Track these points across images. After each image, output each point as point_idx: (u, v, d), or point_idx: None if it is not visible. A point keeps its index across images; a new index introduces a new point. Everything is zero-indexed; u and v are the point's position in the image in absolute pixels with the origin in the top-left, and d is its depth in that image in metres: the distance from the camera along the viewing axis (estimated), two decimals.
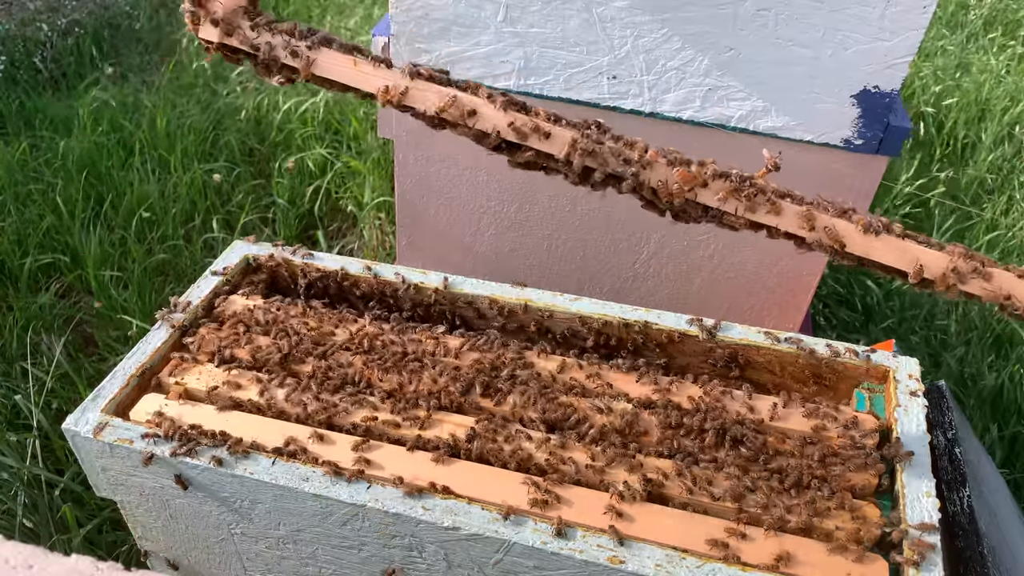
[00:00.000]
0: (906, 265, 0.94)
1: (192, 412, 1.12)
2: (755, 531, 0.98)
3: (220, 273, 1.36)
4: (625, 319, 1.28)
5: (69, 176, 2.81)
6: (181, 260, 2.57)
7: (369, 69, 1.01)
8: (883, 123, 1.50)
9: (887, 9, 1.37)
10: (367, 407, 1.13)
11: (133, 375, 1.16)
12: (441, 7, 1.54)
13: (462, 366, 1.21)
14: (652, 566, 0.92)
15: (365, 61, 1.02)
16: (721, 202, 0.97)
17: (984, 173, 3.16)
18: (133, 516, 1.19)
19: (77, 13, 4.02)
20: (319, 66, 1.02)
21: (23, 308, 2.28)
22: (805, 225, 0.95)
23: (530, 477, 1.03)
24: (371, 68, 1.01)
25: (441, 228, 1.89)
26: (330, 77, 1.03)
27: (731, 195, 0.96)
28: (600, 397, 1.16)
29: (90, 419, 1.09)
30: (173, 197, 2.79)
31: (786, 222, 0.96)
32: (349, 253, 2.76)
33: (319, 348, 1.23)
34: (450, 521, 0.96)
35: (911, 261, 0.93)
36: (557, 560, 0.94)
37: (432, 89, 1.00)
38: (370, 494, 1.00)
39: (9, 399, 1.98)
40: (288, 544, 1.11)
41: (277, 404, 1.14)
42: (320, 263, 1.39)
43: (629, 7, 1.47)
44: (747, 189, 0.96)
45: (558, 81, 1.59)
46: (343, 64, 1.02)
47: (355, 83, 1.02)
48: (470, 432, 1.09)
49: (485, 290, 1.33)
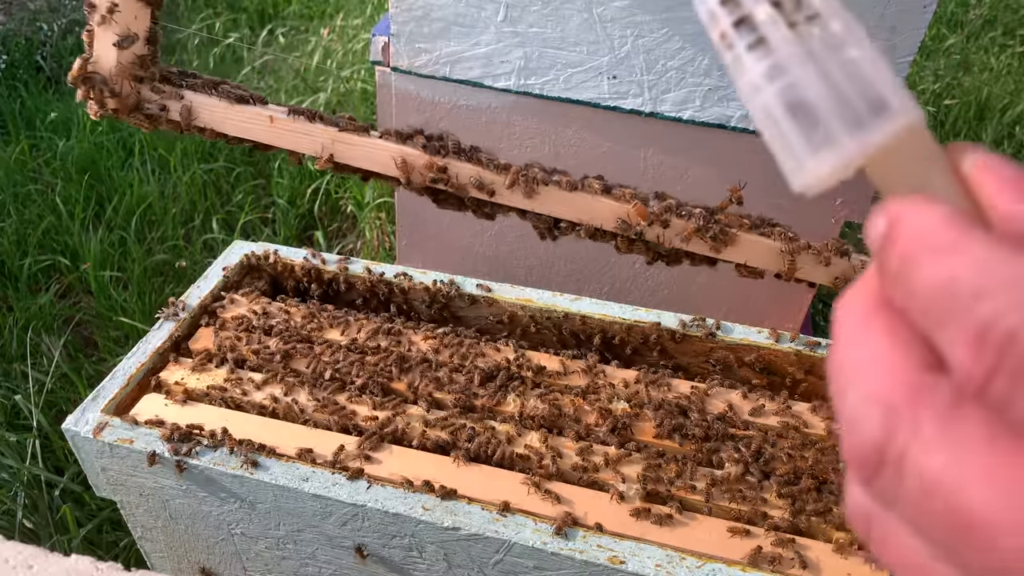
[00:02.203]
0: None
1: (192, 412, 1.12)
2: (756, 531, 0.98)
3: (220, 273, 1.36)
4: (625, 319, 1.27)
5: (69, 176, 2.81)
6: (181, 260, 2.56)
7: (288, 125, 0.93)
8: None
9: (887, 8, 1.37)
10: (367, 407, 1.13)
11: (133, 375, 1.16)
12: (441, 7, 1.54)
13: (462, 366, 1.21)
14: (652, 566, 0.92)
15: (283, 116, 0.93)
16: (684, 242, 0.90)
17: None
18: (133, 516, 1.19)
19: (77, 13, 4.02)
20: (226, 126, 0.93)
21: (23, 308, 2.28)
22: (782, 265, 0.91)
23: (530, 477, 1.03)
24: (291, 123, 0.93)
25: (441, 228, 1.89)
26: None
27: (695, 234, 0.90)
28: (600, 397, 1.16)
29: (90, 419, 1.09)
30: (172, 197, 2.79)
31: (758, 259, 0.92)
32: (349, 253, 2.76)
33: (320, 348, 1.23)
34: (450, 521, 0.96)
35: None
36: (557, 560, 0.94)
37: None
38: (370, 494, 1.00)
39: (9, 399, 1.98)
40: (288, 544, 1.11)
41: (277, 404, 1.14)
42: (321, 263, 1.39)
43: (629, 7, 1.46)
44: (713, 228, 0.89)
45: (558, 81, 1.59)
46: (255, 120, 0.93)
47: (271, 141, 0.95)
48: (470, 432, 1.09)
49: (485, 290, 1.33)
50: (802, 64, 0.31)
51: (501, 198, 0.91)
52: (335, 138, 0.91)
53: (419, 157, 0.90)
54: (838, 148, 0.30)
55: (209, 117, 0.92)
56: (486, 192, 0.90)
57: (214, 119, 0.92)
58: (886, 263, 0.29)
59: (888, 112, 0.30)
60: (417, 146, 0.90)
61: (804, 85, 0.31)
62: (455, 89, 1.66)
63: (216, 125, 0.93)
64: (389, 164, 0.91)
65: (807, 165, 0.31)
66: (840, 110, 0.30)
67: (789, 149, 0.32)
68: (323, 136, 0.91)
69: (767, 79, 0.31)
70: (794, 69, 0.31)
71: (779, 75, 0.31)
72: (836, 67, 0.30)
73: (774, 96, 0.31)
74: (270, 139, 0.93)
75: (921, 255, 0.27)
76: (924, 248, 0.27)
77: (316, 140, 0.92)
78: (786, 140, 0.32)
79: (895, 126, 0.30)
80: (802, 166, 0.31)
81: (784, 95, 0.31)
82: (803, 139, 0.31)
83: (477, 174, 0.90)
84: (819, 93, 0.30)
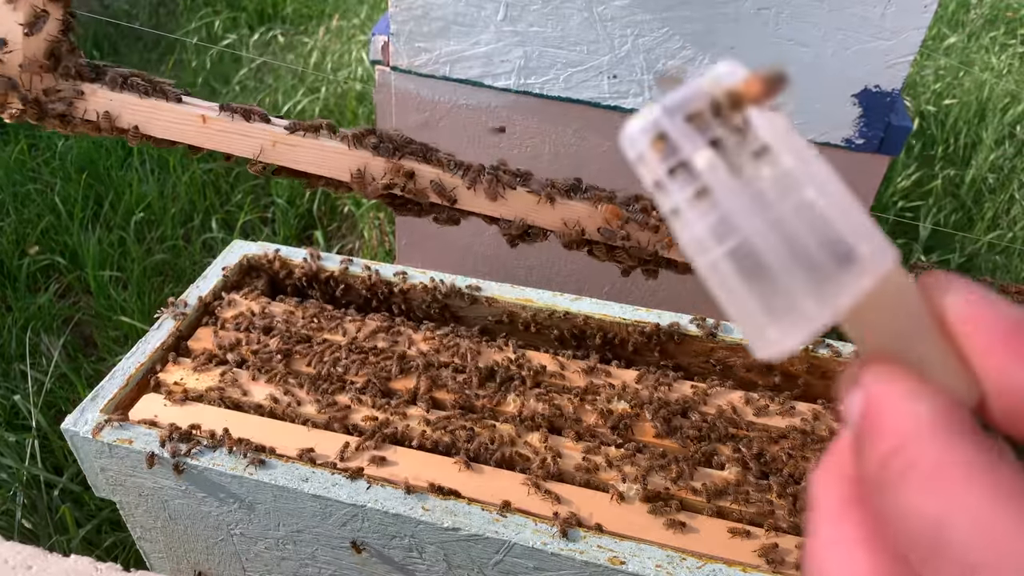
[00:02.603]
0: None
1: (192, 412, 1.12)
2: (756, 531, 0.97)
3: (220, 273, 1.36)
4: (625, 319, 1.27)
5: (68, 176, 2.80)
6: (180, 260, 2.56)
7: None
8: (884, 122, 1.50)
9: (888, 8, 1.37)
10: (367, 407, 1.13)
11: (132, 375, 1.15)
12: (441, 6, 1.54)
13: (462, 366, 1.20)
14: (652, 566, 0.92)
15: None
16: (665, 248, 0.80)
17: (985, 172, 3.15)
18: (132, 517, 1.19)
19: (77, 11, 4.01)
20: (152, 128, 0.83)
21: (22, 308, 2.28)
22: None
23: (530, 477, 1.03)
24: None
25: (441, 228, 1.89)
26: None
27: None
28: (600, 397, 1.15)
29: (89, 419, 1.08)
30: (172, 197, 2.79)
31: None
32: (348, 253, 2.75)
33: (319, 348, 1.23)
34: (450, 522, 0.96)
35: None
36: (557, 561, 0.94)
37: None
38: (370, 495, 0.99)
39: (8, 399, 1.97)
40: (288, 545, 1.10)
41: (277, 404, 1.14)
42: (320, 263, 1.38)
43: (630, 6, 1.46)
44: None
45: (558, 80, 1.58)
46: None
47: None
48: (470, 432, 1.09)
49: (486, 290, 1.33)
50: (752, 216, 0.26)
51: (464, 203, 0.83)
52: (276, 139, 0.81)
53: (373, 160, 0.81)
54: (802, 317, 0.26)
55: (132, 117, 0.82)
56: (447, 198, 0.82)
57: (138, 119, 0.82)
58: (864, 457, 0.26)
59: (856, 263, 0.26)
60: (368, 147, 0.81)
61: (756, 242, 0.26)
62: (455, 88, 1.65)
63: (142, 126, 0.82)
64: (340, 170, 0.82)
65: (768, 335, 0.27)
66: (800, 269, 0.26)
67: (745, 316, 0.27)
68: (261, 137, 0.81)
69: (714, 238, 0.26)
70: (743, 224, 0.26)
71: (727, 233, 0.26)
72: (792, 214, 0.26)
73: (723, 259, 0.26)
74: (201, 141, 0.83)
75: (905, 475, 0.24)
76: (908, 465, 0.24)
77: (254, 141, 0.82)
78: (741, 306, 0.27)
79: (866, 281, 0.26)
80: (763, 335, 0.27)
81: (735, 256, 0.26)
82: (761, 306, 0.27)
83: (437, 177, 0.81)
84: (774, 251, 0.26)
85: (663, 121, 0.27)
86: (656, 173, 0.27)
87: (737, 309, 0.27)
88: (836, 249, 0.26)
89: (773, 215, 0.26)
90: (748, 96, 0.26)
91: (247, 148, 0.81)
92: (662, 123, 0.27)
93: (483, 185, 0.79)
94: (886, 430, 0.25)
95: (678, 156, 0.27)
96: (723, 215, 0.26)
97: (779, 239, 0.26)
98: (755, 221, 0.26)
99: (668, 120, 0.27)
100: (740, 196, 0.26)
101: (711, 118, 0.26)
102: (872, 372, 0.27)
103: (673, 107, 0.27)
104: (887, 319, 0.27)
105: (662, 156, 0.27)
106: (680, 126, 0.27)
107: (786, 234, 0.26)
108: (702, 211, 0.26)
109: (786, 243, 0.26)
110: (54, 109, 0.81)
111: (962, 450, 0.23)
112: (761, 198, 0.26)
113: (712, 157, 0.26)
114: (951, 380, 0.27)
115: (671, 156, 0.27)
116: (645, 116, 0.27)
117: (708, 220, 0.26)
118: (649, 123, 0.27)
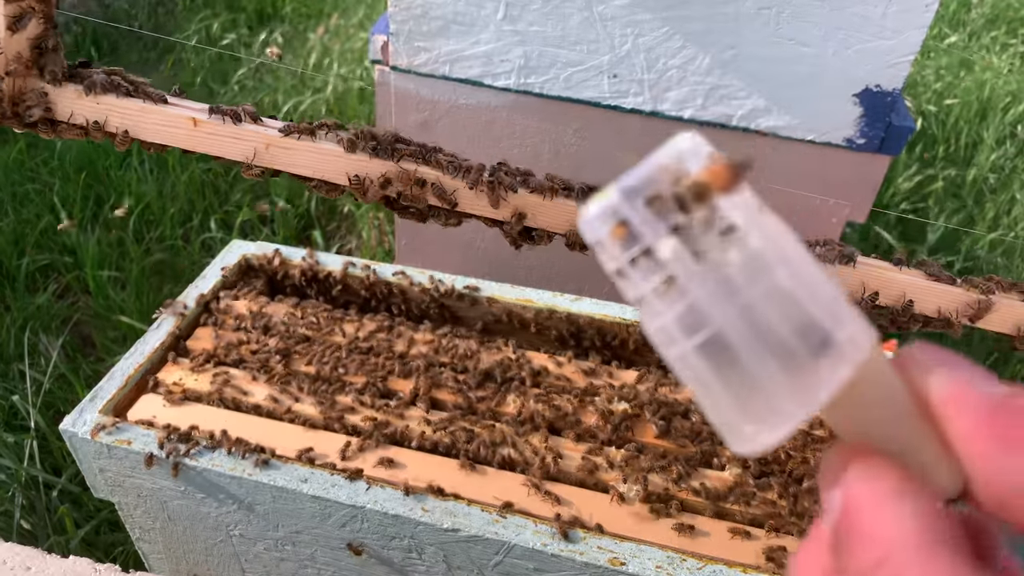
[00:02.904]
0: None
1: (190, 413, 1.11)
2: (757, 532, 0.97)
3: (219, 273, 1.35)
4: (626, 319, 1.27)
5: (66, 176, 2.80)
6: (179, 260, 2.56)
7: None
8: (885, 122, 1.50)
9: (889, 7, 1.37)
10: (367, 408, 1.13)
11: (131, 375, 1.15)
12: (440, 5, 1.53)
13: (462, 367, 1.20)
14: (652, 567, 0.91)
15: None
16: None
17: (987, 172, 3.15)
18: (131, 518, 1.18)
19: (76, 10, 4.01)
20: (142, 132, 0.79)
21: (21, 308, 2.27)
22: None
23: (530, 478, 1.02)
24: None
25: (441, 228, 1.88)
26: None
27: None
28: (601, 398, 1.15)
29: (88, 420, 1.08)
30: (171, 196, 2.79)
31: None
32: (348, 253, 2.75)
33: (319, 348, 1.22)
34: (450, 523, 0.96)
35: None
36: (557, 562, 0.94)
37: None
38: (369, 495, 0.99)
39: (6, 400, 1.97)
40: (287, 546, 1.10)
41: (276, 405, 1.13)
42: (320, 263, 1.38)
43: (630, 5, 1.46)
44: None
45: (558, 80, 1.58)
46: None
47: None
48: (469, 433, 1.08)
49: (486, 290, 1.32)
50: (721, 305, 0.24)
51: (465, 206, 0.80)
52: (269, 142, 0.78)
53: (371, 164, 0.77)
54: (778, 415, 0.25)
55: (120, 121, 0.77)
56: (447, 201, 0.78)
57: (126, 123, 0.77)
58: (844, 560, 0.25)
59: (833, 350, 0.24)
60: (366, 150, 0.77)
61: (727, 333, 0.24)
62: (455, 88, 1.65)
63: (131, 130, 0.78)
64: (337, 174, 0.78)
65: (744, 430, 0.25)
66: (774, 359, 0.24)
67: (718, 411, 0.26)
68: (254, 140, 0.78)
69: (682, 330, 0.25)
70: (713, 314, 0.24)
71: (696, 324, 0.24)
72: (762, 300, 0.24)
73: (693, 352, 0.25)
74: (192, 145, 0.78)
75: None
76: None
77: (246, 145, 0.78)
78: (714, 401, 0.26)
79: (844, 371, 0.24)
80: (738, 432, 0.26)
81: (705, 349, 0.25)
82: (735, 402, 0.25)
83: (437, 179, 0.78)
84: (745, 341, 0.24)
85: (622, 207, 0.25)
86: (618, 261, 0.26)
87: (710, 403, 0.26)
88: (811, 335, 0.24)
89: (742, 301, 0.24)
90: (714, 187, 0.24)
91: (239, 152, 0.78)
92: (621, 210, 0.25)
93: (484, 188, 0.77)
94: (868, 537, 0.24)
95: (639, 244, 0.25)
96: (691, 304, 0.24)
97: (750, 328, 0.24)
98: (724, 310, 0.24)
99: (627, 205, 0.25)
100: (707, 283, 0.24)
101: (672, 201, 0.25)
102: (853, 468, 0.25)
103: (632, 190, 0.25)
104: (866, 407, 0.26)
105: (623, 244, 0.25)
106: (641, 211, 0.25)
107: (757, 322, 0.24)
108: (669, 301, 0.25)
109: (757, 333, 0.24)
110: (33, 115, 0.77)
111: (946, 566, 0.23)
112: (729, 284, 0.24)
113: (676, 245, 0.24)
114: (934, 470, 0.26)
115: (632, 244, 0.25)
116: (602, 201, 0.25)
117: (675, 310, 0.25)
118: (607, 209, 0.25)
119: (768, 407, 0.24)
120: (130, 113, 0.78)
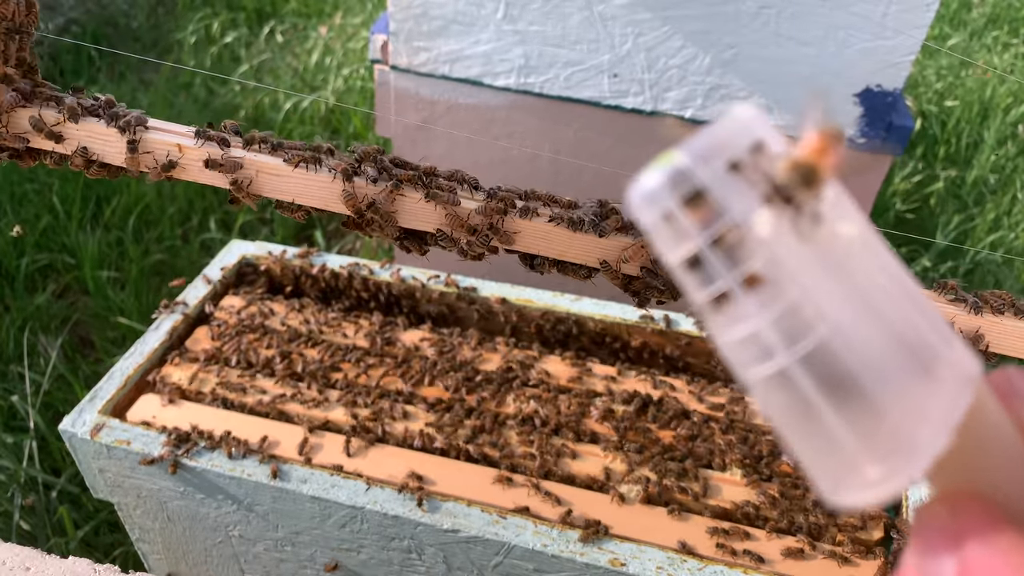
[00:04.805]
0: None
1: (189, 413, 1.11)
2: (757, 532, 0.97)
3: (218, 273, 1.35)
4: (626, 320, 1.27)
5: (66, 176, 2.80)
6: (178, 260, 2.55)
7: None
8: (886, 122, 1.49)
9: (890, 7, 1.36)
10: (367, 408, 1.12)
11: (130, 376, 1.15)
12: (440, 5, 1.53)
13: (462, 367, 1.20)
14: (653, 568, 0.91)
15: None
16: None
17: (987, 172, 3.15)
18: (131, 518, 1.18)
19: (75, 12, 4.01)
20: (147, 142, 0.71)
21: (20, 308, 2.27)
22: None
23: (531, 479, 1.02)
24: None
25: None
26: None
27: None
28: (601, 398, 1.15)
29: (87, 420, 1.07)
30: (170, 196, 2.78)
31: None
32: (348, 253, 2.75)
33: (318, 349, 1.22)
34: (450, 523, 0.95)
35: None
36: (557, 563, 0.93)
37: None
38: (369, 496, 0.99)
39: (6, 400, 1.97)
40: (287, 546, 1.10)
41: (274, 405, 1.13)
42: (319, 263, 1.37)
43: (630, 5, 1.46)
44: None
45: (558, 79, 1.58)
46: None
47: None
48: (470, 433, 1.08)
49: (486, 290, 1.32)
50: (837, 301, 0.18)
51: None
52: (259, 168, 0.73)
53: (367, 190, 0.73)
54: (911, 447, 0.18)
55: (102, 149, 0.72)
56: (452, 241, 0.75)
57: (107, 151, 0.71)
58: None
59: (945, 371, 0.19)
60: (365, 177, 0.73)
61: (842, 338, 0.17)
62: (455, 87, 1.65)
63: (108, 158, 0.72)
64: (334, 203, 0.74)
65: (867, 474, 0.18)
66: (905, 377, 0.18)
67: (825, 447, 0.19)
68: (243, 166, 0.73)
69: (782, 337, 0.18)
70: (826, 312, 0.17)
71: (800, 328, 0.18)
72: (881, 297, 0.18)
73: (798, 366, 0.18)
74: (178, 173, 0.73)
75: None
76: None
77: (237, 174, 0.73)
78: (819, 433, 0.18)
79: (964, 395, 0.19)
80: (857, 474, 0.19)
81: (811, 364, 0.18)
82: (853, 433, 0.18)
83: (437, 230, 0.74)
84: (869, 352, 0.17)
85: (700, 171, 0.19)
86: (691, 244, 0.19)
87: (811, 437, 0.19)
88: (923, 352, 0.18)
89: (861, 297, 0.18)
90: (824, 170, 0.19)
91: (225, 179, 0.73)
92: (698, 174, 0.19)
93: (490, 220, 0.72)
94: None
95: (723, 219, 0.18)
96: (794, 303, 0.18)
97: (873, 333, 0.17)
98: (841, 307, 0.17)
99: (706, 170, 0.19)
100: (816, 272, 0.18)
101: (754, 168, 0.19)
102: (969, 528, 0.20)
103: (706, 153, 0.19)
104: (978, 447, 0.20)
105: (703, 220, 0.19)
106: (722, 177, 0.19)
107: (881, 325, 0.17)
108: (763, 299, 0.18)
109: (880, 338, 0.17)
110: (15, 147, 0.72)
111: None
112: (843, 272, 0.18)
113: (773, 219, 0.18)
114: None
115: (714, 219, 0.19)
116: (667, 166, 0.19)
117: (773, 310, 0.18)
118: (676, 174, 0.19)
119: (896, 438, 0.18)
120: (111, 140, 0.71)
